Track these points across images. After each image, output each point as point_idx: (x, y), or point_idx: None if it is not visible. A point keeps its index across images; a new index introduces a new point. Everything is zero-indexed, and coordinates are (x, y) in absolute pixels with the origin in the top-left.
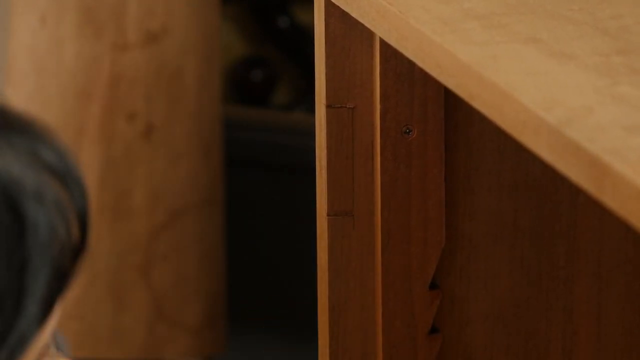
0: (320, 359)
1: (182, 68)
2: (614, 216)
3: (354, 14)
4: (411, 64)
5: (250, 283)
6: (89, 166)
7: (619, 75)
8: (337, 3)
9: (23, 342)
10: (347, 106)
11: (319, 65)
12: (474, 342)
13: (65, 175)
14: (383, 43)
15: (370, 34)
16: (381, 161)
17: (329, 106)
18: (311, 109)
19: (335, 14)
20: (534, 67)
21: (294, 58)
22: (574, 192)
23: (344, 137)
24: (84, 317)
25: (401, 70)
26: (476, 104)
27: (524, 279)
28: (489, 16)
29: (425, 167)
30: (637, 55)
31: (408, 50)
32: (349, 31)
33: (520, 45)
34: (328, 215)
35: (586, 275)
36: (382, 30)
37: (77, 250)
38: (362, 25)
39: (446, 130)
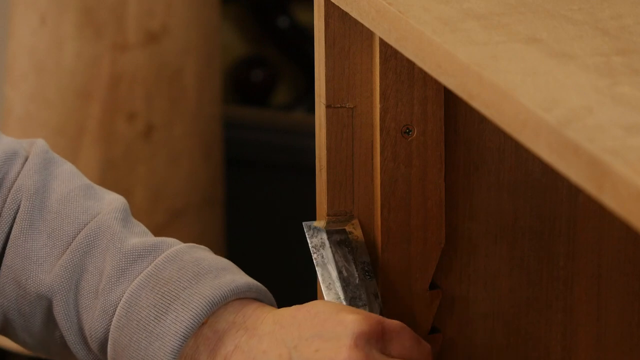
0: None
1: (182, 68)
2: (614, 216)
3: (353, 14)
4: (411, 64)
5: None
6: (89, 166)
7: (619, 75)
8: (336, 3)
9: None
10: (347, 106)
11: (319, 65)
12: (474, 342)
13: None
14: (383, 43)
15: (369, 34)
16: (381, 161)
17: (328, 106)
18: (311, 109)
19: (335, 14)
20: (534, 67)
21: (294, 58)
22: (574, 192)
23: (344, 137)
24: None
25: (401, 70)
26: (476, 104)
27: (524, 279)
28: (489, 16)
29: (425, 167)
30: (637, 55)
31: (408, 50)
32: (348, 31)
33: (520, 45)
34: (328, 215)
35: (586, 275)
36: (381, 30)
37: None
38: (362, 25)
39: (446, 130)
